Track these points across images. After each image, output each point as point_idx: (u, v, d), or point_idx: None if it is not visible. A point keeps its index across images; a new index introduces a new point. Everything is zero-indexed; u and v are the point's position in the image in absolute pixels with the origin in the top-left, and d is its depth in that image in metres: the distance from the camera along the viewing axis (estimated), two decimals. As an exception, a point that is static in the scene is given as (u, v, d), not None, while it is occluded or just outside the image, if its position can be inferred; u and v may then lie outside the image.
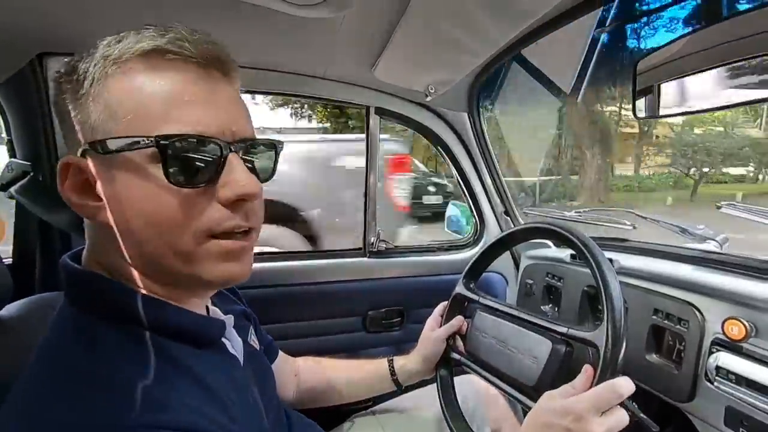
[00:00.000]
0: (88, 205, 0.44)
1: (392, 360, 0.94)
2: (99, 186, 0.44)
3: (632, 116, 0.72)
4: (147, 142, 0.41)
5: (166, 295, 0.48)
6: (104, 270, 0.47)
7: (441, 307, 0.96)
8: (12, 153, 0.97)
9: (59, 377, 0.40)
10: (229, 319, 0.59)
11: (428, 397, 1.00)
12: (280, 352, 0.88)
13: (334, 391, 0.94)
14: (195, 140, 0.42)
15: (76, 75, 0.43)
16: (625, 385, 0.57)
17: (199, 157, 0.43)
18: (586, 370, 0.60)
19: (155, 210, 0.42)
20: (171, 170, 0.41)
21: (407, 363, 0.93)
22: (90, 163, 0.44)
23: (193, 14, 0.85)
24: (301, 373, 0.93)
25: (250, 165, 0.48)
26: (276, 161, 0.54)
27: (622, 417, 0.57)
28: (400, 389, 0.94)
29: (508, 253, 1.43)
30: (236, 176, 0.44)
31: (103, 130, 0.42)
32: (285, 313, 1.23)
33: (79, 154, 0.44)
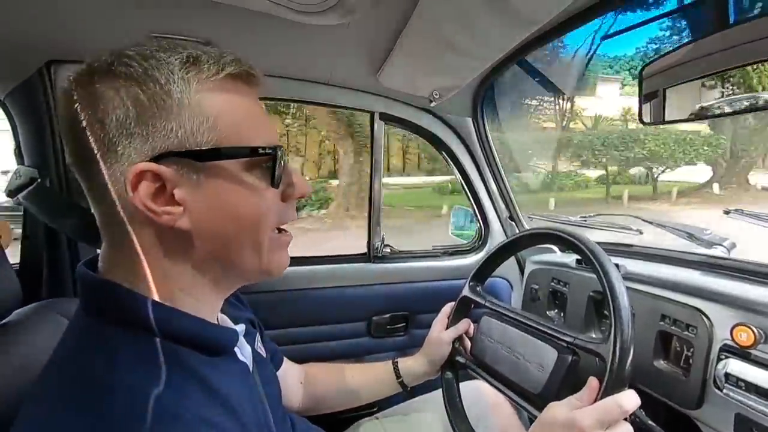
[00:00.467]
0: (168, 210, 0.45)
1: (397, 362, 0.94)
2: (179, 192, 0.45)
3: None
4: (248, 151, 0.47)
5: (183, 305, 0.49)
6: (122, 278, 0.47)
7: (448, 307, 0.95)
8: (20, 160, 0.97)
9: (74, 386, 0.41)
10: (241, 328, 0.60)
11: (433, 403, 1.00)
12: (285, 360, 0.88)
13: (340, 397, 0.94)
14: (280, 150, 0.49)
15: (155, 85, 0.44)
16: (630, 400, 0.57)
17: (282, 163, 0.50)
18: (591, 382, 0.59)
19: (247, 210, 0.48)
20: (265, 175, 0.49)
21: (412, 365, 0.93)
22: (171, 170, 0.44)
23: (200, 22, 0.86)
24: (306, 380, 0.92)
25: None
26: None
27: (626, 431, 0.56)
28: (406, 391, 0.94)
29: (513, 258, 1.42)
30: (299, 177, 0.54)
31: (195, 140, 0.45)
32: (289, 318, 1.23)
33: (148, 161, 0.44)
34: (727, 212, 0.83)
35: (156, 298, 0.47)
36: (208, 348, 0.50)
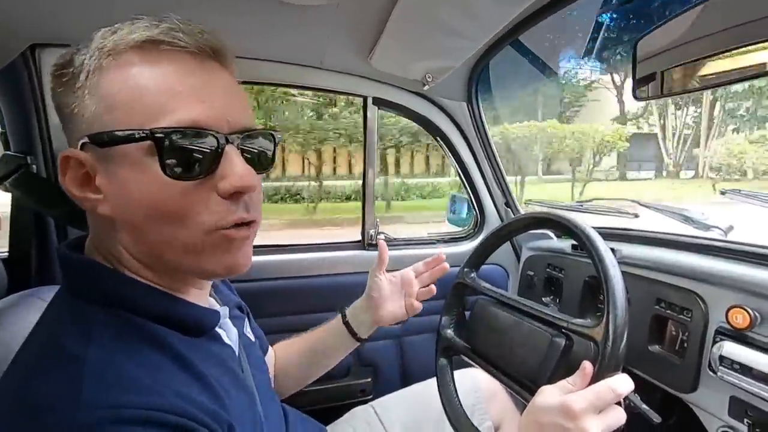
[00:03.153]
0: (88, 197, 0.44)
1: (344, 308, 0.89)
2: (98, 179, 0.44)
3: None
4: (143, 135, 0.40)
5: (164, 285, 0.49)
6: (104, 259, 0.48)
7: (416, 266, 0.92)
8: (6, 145, 0.96)
9: (46, 356, 0.41)
10: (224, 310, 0.58)
11: (428, 391, 0.99)
12: (270, 347, 0.87)
13: (302, 367, 0.89)
14: (191, 132, 0.42)
15: (72, 67, 0.43)
16: (623, 384, 0.56)
17: (196, 149, 0.42)
18: (585, 366, 0.58)
19: (155, 203, 0.42)
20: (167, 163, 0.41)
21: (356, 307, 0.89)
22: (89, 156, 0.43)
23: (187, 3, 0.84)
24: (276, 359, 0.89)
25: (248, 155, 0.48)
26: (275, 151, 0.53)
27: (619, 415, 0.55)
28: (358, 340, 0.88)
29: (508, 245, 1.41)
30: (234, 168, 0.44)
31: (99, 123, 0.42)
32: (282, 306, 1.22)
33: (78, 147, 0.43)
34: (723, 192, 0.81)
35: (140, 276, 0.47)
36: (187, 328, 0.49)
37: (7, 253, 1.00)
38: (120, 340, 0.43)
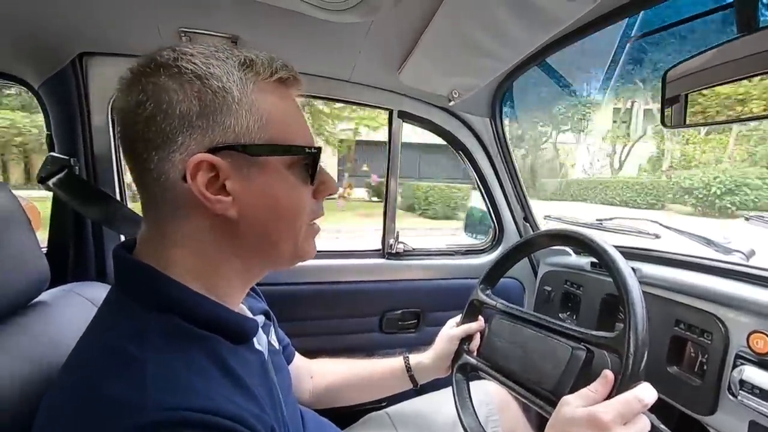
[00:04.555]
0: (222, 200, 0.48)
1: (408, 358, 0.95)
2: (230, 183, 0.48)
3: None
4: (309, 150, 0.52)
5: (210, 292, 0.51)
6: (156, 263, 0.50)
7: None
8: (51, 148, 1.01)
9: (107, 356, 0.43)
10: (260, 319, 0.63)
11: (441, 400, 1.00)
12: (297, 354, 0.91)
13: (349, 391, 0.95)
14: (318, 151, 0.53)
15: (218, 82, 0.47)
16: (649, 393, 0.57)
17: (318, 163, 0.54)
18: (606, 375, 0.59)
19: (290, 203, 0.52)
20: (308, 174, 0.53)
21: (423, 360, 0.94)
22: (225, 162, 0.47)
23: (227, 18, 0.88)
24: (316, 374, 0.94)
25: None
26: None
27: (645, 425, 0.56)
28: (416, 388, 0.95)
29: (526, 259, 1.42)
30: (330, 177, 0.58)
31: (251, 136, 0.48)
32: (302, 311, 1.25)
33: (206, 152, 0.46)
34: (747, 219, 0.82)
35: (187, 283, 0.49)
36: (232, 335, 0.52)
37: (45, 248, 1.05)
38: (173, 344, 0.45)
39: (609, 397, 0.58)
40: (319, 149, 0.53)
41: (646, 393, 0.57)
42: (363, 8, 0.77)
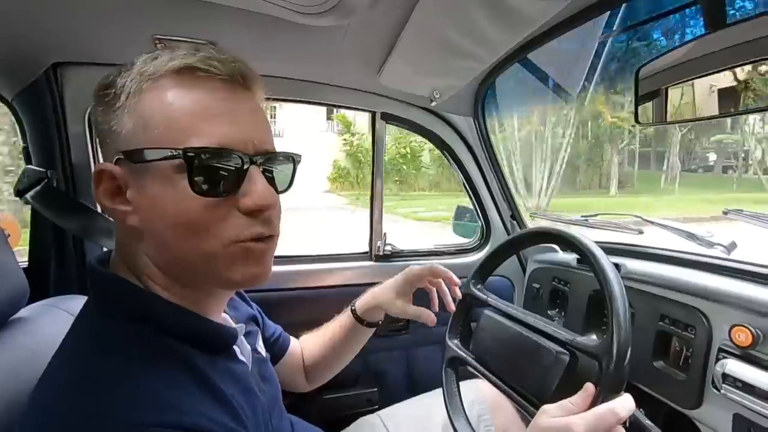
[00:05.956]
0: (118, 209, 0.47)
1: (354, 303, 0.93)
2: (129, 192, 0.47)
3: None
4: (175, 153, 0.44)
5: (185, 301, 0.50)
6: (129, 272, 0.50)
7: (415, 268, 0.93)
8: (28, 160, 0.99)
9: (80, 373, 0.42)
10: (241, 328, 0.61)
11: (434, 401, 1.00)
12: (293, 339, 0.92)
13: (330, 360, 0.94)
14: (219, 153, 0.45)
15: (114, 89, 0.46)
16: (624, 407, 0.56)
17: (223, 167, 0.46)
18: (587, 387, 0.58)
19: (181, 216, 0.45)
20: (196, 180, 0.44)
21: (365, 297, 0.93)
22: (122, 171, 0.46)
23: (203, 24, 0.87)
24: (304, 351, 0.95)
25: (269, 176, 0.51)
26: (294, 173, 0.57)
27: None
28: (372, 327, 0.93)
29: (515, 257, 1.42)
30: (256, 187, 0.47)
31: (135, 140, 0.45)
32: (290, 316, 1.23)
33: (113, 162, 0.47)
34: (726, 212, 0.82)
35: (160, 294, 0.49)
36: (209, 346, 0.51)
37: (26, 263, 1.03)
38: (146, 358, 0.44)
39: (590, 408, 0.58)
40: (208, 150, 0.44)
41: (621, 406, 0.56)
42: (338, 11, 0.77)
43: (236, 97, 0.48)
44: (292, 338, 0.92)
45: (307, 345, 0.95)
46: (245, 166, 0.47)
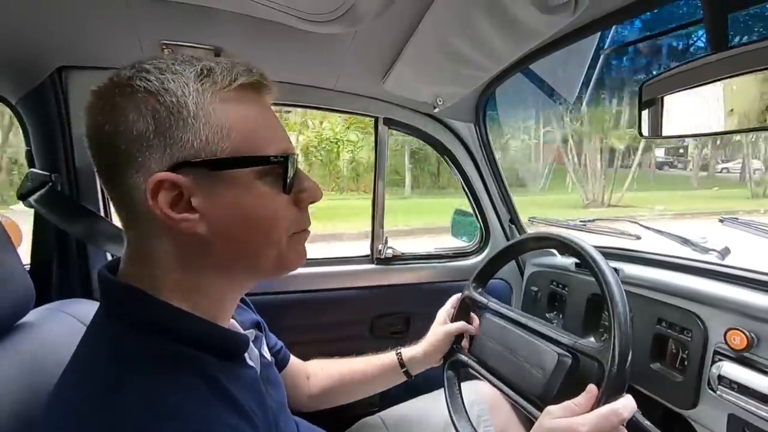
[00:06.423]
0: (188, 217, 0.46)
1: (400, 353, 0.96)
2: (195, 200, 0.46)
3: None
4: (262, 160, 0.49)
5: (198, 309, 0.51)
6: (141, 281, 0.49)
7: (454, 299, 0.96)
8: (31, 163, 0.99)
9: (94, 386, 0.43)
10: (251, 334, 0.62)
11: (434, 403, 1.02)
12: (292, 356, 0.91)
13: (346, 390, 0.95)
14: (289, 158, 0.51)
15: (172, 97, 0.45)
16: (627, 408, 0.58)
17: (293, 169, 0.52)
18: (590, 389, 0.60)
19: (260, 215, 0.50)
20: (276, 183, 0.50)
21: (415, 354, 0.94)
22: (187, 179, 0.45)
23: (210, 30, 0.87)
24: (312, 375, 0.94)
25: None
26: None
27: None
28: (410, 379, 0.95)
29: (513, 261, 1.45)
30: (310, 184, 0.55)
31: (210, 150, 0.46)
32: (292, 319, 1.25)
33: (168, 170, 0.45)
34: (721, 220, 0.85)
35: (174, 302, 0.49)
36: (222, 353, 0.51)
37: (29, 266, 1.03)
38: (159, 366, 0.45)
39: (592, 409, 0.60)
40: (289, 156, 0.50)
41: (624, 407, 0.58)
42: (346, 20, 0.78)
43: (270, 107, 0.54)
44: (293, 357, 0.92)
45: (319, 369, 0.96)
46: (298, 166, 0.54)
